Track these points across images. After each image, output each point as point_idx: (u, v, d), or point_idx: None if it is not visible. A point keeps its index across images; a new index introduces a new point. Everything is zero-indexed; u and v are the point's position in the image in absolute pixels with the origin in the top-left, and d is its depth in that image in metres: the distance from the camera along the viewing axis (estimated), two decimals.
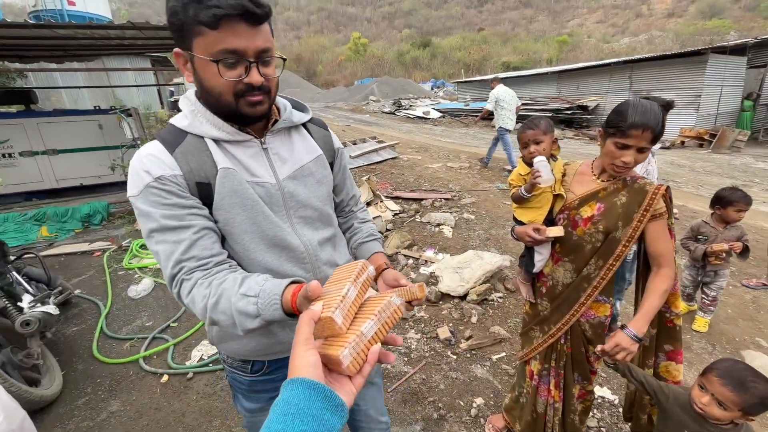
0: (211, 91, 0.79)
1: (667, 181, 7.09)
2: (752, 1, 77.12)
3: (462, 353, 2.59)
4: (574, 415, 1.54)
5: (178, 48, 0.78)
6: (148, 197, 0.77)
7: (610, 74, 15.25)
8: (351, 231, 1.16)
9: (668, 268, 1.28)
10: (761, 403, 1.09)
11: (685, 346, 2.60)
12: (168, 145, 0.82)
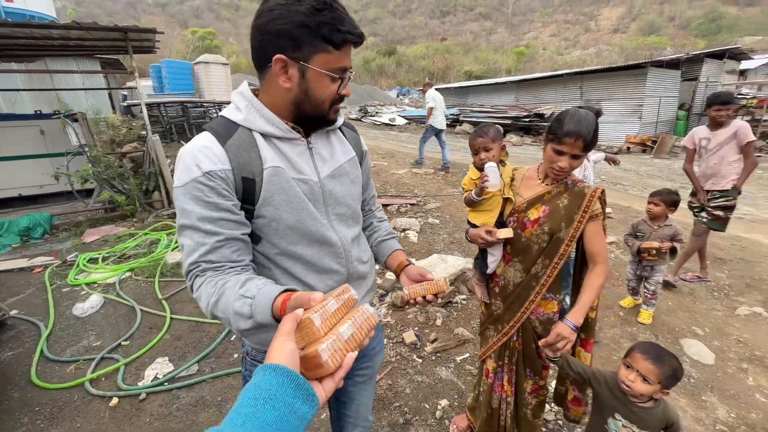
0: (315, 98, 0.86)
1: (616, 185, 7.61)
2: (684, 21, 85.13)
3: (427, 356, 2.62)
4: (526, 408, 1.61)
5: (282, 55, 0.80)
6: (191, 191, 0.80)
7: (564, 84, 16.21)
8: (371, 229, 1.22)
9: (603, 264, 1.39)
10: (673, 375, 1.23)
11: (631, 337, 2.80)
12: (220, 137, 0.84)
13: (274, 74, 0.82)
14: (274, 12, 0.78)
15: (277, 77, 0.83)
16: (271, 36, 0.79)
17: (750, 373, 2.45)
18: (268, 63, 0.82)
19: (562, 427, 2.06)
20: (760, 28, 78.13)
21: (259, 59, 0.85)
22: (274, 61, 0.80)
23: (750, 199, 7.07)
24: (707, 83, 14.42)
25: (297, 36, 0.78)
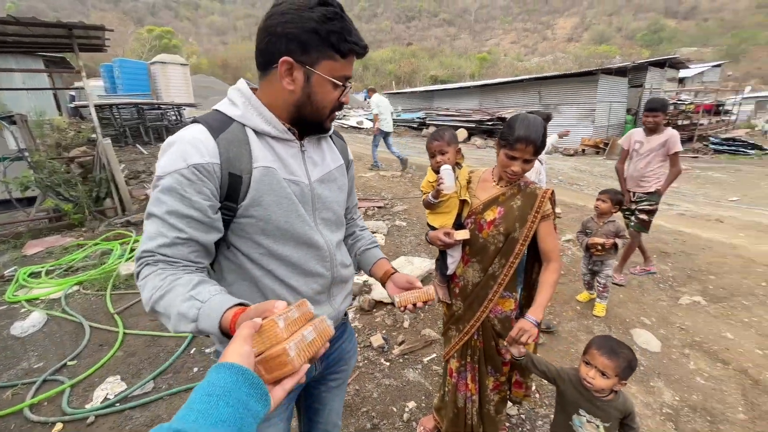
0: (317, 104, 0.87)
1: (572, 185, 8.02)
2: (630, 32, 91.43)
3: (395, 359, 2.63)
4: (489, 405, 1.65)
5: (289, 58, 0.81)
6: (170, 182, 0.78)
7: (523, 89, 16.91)
8: (353, 237, 1.23)
9: (556, 262, 1.46)
10: (629, 366, 1.29)
11: (587, 330, 2.94)
12: (213, 130, 0.83)
13: (279, 75, 0.83)
14: (286, 16, 0.79)
15: (282, 79, 0.83)
16: (280, 38, 0.80)
17: (691, 358, 2.65)
18: (272, 64, 0.83)
19: (524, 421, 2.13)
20: (694, 40, 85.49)
21: (264, 59, 0.85)
22: (280, 62, 0.81)
23: (690, 197, 7.69)
24: (651, 90, 15.57)
25: (306, 41, 0.80)
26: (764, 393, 2.32)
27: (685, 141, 14.93)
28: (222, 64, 66.35)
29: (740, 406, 2.24)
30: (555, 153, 13.75)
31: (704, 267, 4.03)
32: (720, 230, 5.39)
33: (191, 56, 59.26)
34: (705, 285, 3.66)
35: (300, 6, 0.79)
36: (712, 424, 2.11)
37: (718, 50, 69.99)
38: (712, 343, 2.79)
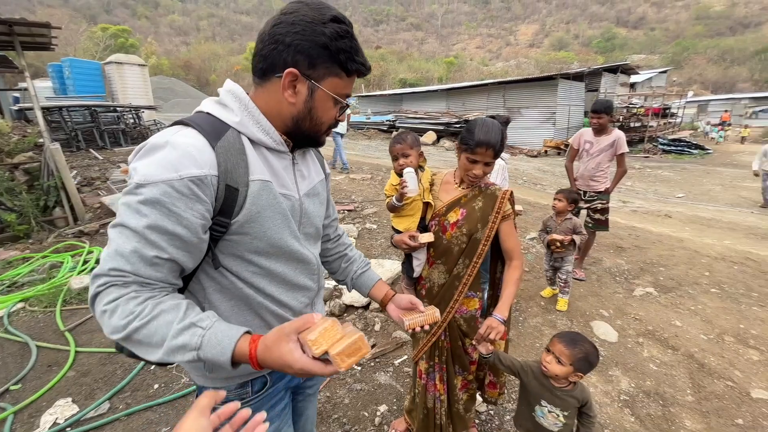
0: (316, 119, 0.85)
1: (536, 185, 8.34)
2: (586, 39, 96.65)
3: (366, 363, 2.61)
4: (458, 404, 1.68)
5: (295, 70, 0.78)
6: (156, 193, 0.69)
7: (488, 93, 17.43)
8: (347, 260, 1.20)
9: (518, 259, 1.51)
10: (586, 359, 1.36)
11: (550, 324, 3.06)
12: (209, 136, 0.75)
13: (282, 87, 0.79)
14: (296, 26, 0.76)
15: (284, 90, 0.80)
16: (287, 48, 0.77)
17: (645, 346, 2.82)
18: (275, 73, 0.79)
19: (493, 417, 2.18)
20: (643, 48, 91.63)
21: (265, 66, 0.80)
22: (285, 73, 0.78)
23: (642, 194, 8.21)
24: (605, 94, 16.51)
25: (315, 55, 0.78)
26: (709, 375, 2.51)
27: (637, 142, 15.95)
28: (184, 65, 63.86)
29: (688, 388, 2.40)
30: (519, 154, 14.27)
31: (655, 260, 4.31)
32: (668, 225, 5.79)
33: (150, 57, 56.63)
34: (656, 277, 3.91)
35: (313, 20, 0.77)
36: (664, 408, 2.25)
37: (664, 57, 75.48)
38: (663, 331, 2.98)
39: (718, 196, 8.10)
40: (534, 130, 15.53)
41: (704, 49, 77.46)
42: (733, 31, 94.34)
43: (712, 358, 2.68)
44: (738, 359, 2.67)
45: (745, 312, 3.25)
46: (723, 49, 75.22)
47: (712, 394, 2.35)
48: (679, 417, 2.18)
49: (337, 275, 1.20)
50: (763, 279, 3.87)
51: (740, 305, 3.36)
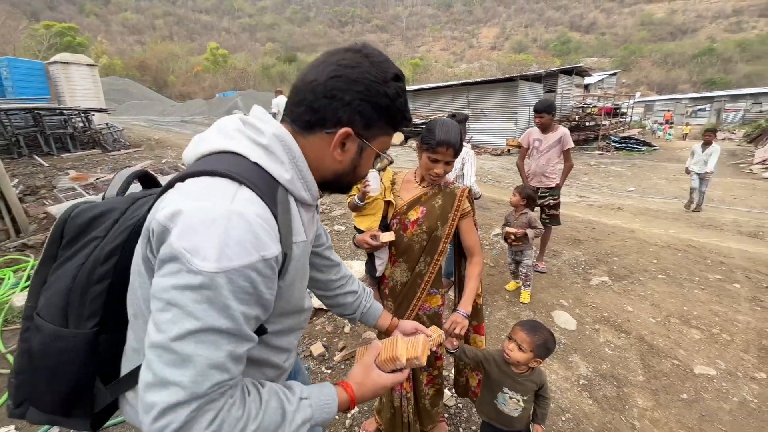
0: (359, 174, 0.82)
1: (500, 183, 8.62)
2: (543, 42, 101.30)
3: (336, 365, 2.60)
4: (425, 399, 1.70)
5: (350, 130, 0.72)
6: (239, 281, 0.57)
7: (453, 94, 17.83)
8: (354, 296, 1.15)
9: (478, 255, 1.56)
10: (544, 345, 1.42)
11: (514, 316, 3.17)
12: (267, 200, 0.64)
13: (332, 145, 0.73)
14: (359, 85, 0.70)
15: (333, 148, 0.73)
16: (345, 106, 0.70)
17: (601, 332, 2.99)
18: (324, 128, 0.72)
19: (461, 410, 2.23)
20: (595, 51, 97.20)
21: (312, 120, 0.72)
22: (340, 133, 0.71)
23: (597, 189, 8.70)
24: (562, 95, 17.35)
25: (373, 117, 0.73)
26: (657, 356, 2.70)
27: (591, 140, 16.88)
28: (140, 65, 60.69)
29: (639, 369, 2.57)
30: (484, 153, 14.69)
31: (609, 250, 4.58)
32: (621, 217, 6.18)
33: (101, 56, 53.36)
34: (610, 266, 4.16)
35: (376, 79, 0.71)
36: (618, 389, 2.39)
37: (614, 60, 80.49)
38: (617, 316, 3.18)
39: (664, 189, 8.74)
40: (497, 130, 16.06)
41: (649, 52, 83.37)
42: (674, 37, 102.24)
43: (660, 339, 2.88)
44: (682, 339, 2.89)
45: (688, 295, 3.53)
46: (665, 53, 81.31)
47: (660, 372, 2.53)
48: (632, 396, 2.33)
49: (343, 309, 1.14)
50: (703, 264, 4.22)
51: (684, 289, 3.64)
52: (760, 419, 2.15)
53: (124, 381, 0.74)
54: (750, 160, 12.56)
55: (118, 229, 0.74)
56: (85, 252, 0.72)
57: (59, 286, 0.71)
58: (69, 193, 5.56)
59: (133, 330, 0.73)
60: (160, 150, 11.00)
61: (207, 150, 0.69)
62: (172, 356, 0.54)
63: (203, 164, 0.66)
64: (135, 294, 0.69)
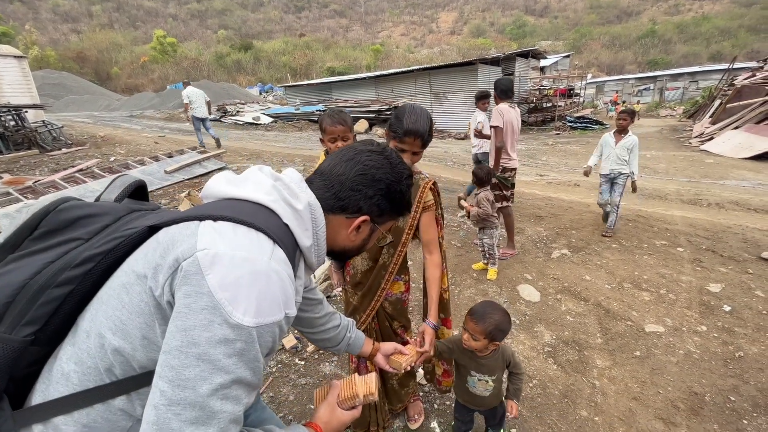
0: (363, 248, 0.91)
1: (464, 166, 8.78)
2: (500, 26, 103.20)
3: (309, 356, 2.58)
4: (392, 380, 1.74)
5: (368, 218, 0.82)
6: (266, 336, 0.60)
7: (415, 79, 17.81)
8: (337, 328, 1.18)
9: (436, 254, 1.52)
10: (498, 329, 1.42)
11: (482, 293, 3.27)
12: (290, 259, 0.69)
13: (350, 227, 0.82)
14: (380, 184, 0.81)
15: (350, 231, 0.82)
16: (367, 199, 0.81)
17: (563, 302, 3.15)
18: (345, 213, 0.81)
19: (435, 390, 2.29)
20: (549, 34, 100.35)
21: (336, 206, 0.81)
22: (360, 220, 0.81)
23: (555, 167, 9.07)
24: (520, 77, 17.81)
25: (387, 208, 0.84)
26: (613, 319, 2.89)
27: (549, 120, 17.53)
28: (77, 56, 55.76)
29: (598, 332, 2.74)
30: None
31: (568, 224, 4.82)
32: (577, 193, 6.50)
33: (31, 47, 48.56)
34: (569, 239, 4.38)
35: (395, 179, 0.83)
36: (579, 352, 2.54)
37: (566, 43, 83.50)
38: (576, 285, 3.36)
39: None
40: (459, 114, 16.27)
41: (598, 35, 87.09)
42: (620, 19, 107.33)
43: (615, 303, 3.08)
44: (634, 301, 3.11)
45: (638, 261, 3.79)
46: (613, 35, 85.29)
47: (616, 334, 2.71)
48: (592, 358, 2.48)
49: (327, 343, 1.18)
50: (651, 231, 4.54)
51: (634, 256, 3.90)
52: (702, 367, 2.37)
53: (38, 409, 0.60)
54: (689, 134, 13.57)
55: (106, 237, 0.66)
56: (59, 250, 0.64)
57: (11, 279, 0.60)
58: (3, 198, 5.07)
59: (75, 350, 0.61)
60: (107, 147, 10.24)
61: (240, 195, 0.71)
62: (196, 413, 0.53)
63: (236, 210, 0.66)
64: (108, 313, 0.61)
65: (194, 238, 0.60)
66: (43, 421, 0.60)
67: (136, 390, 0.62)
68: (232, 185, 0.73)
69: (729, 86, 14.35)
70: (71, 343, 0.63)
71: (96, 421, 0.61)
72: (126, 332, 0.59)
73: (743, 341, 2.59)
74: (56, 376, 0.61)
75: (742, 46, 63.05)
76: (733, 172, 7.92)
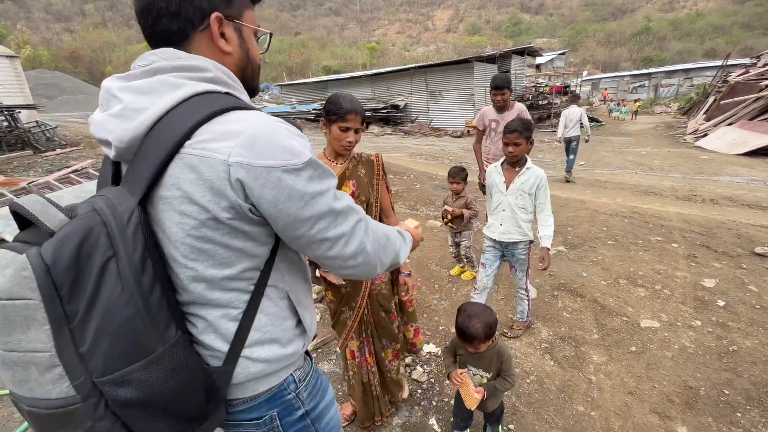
0: (254, 60, 0.81)
1: (461, 163, 8.79)
2: (496, 24, 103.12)
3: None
4: (390, 373, 1.80)
5: (219, 14, 0.71)
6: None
7: (411, 77, 17.81)
8: None
9: (393, 217, 1.70)
10: (485, 331, 1.48)
11: (463, 294, 3.27)
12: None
13: (213, 38, 0.70)
14: None
15: (216, 41, 0.70)
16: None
17: (559, 298, 3.17)
18: (196, 26, 0.68)
19: (434, 384, 2.30)
20: (545, 32, 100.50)
21: (182, 25, 0.67)
22: (212, 20, 0.68)
23: (551, 165, 9.12)
24: (516, 75, 17.85)
25: None
26: (609, 315, 2.91)
27: (545, 118, 17.58)
28: (71, 56, 55.34)
29: (594, 328, 2.77)
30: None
31: (565, 221, 4.84)
32: (573, 190, 6.53)
33: (24, 47, 48.05)
34: (566, 236, 4.40)
35: None
36: (576, 348, 2.57)
37: (562, 40, 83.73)
38: (572, 282, 3.38)
39: (611, 162, 9.33)
40: (456, 112, 16.30)
41: (593, 32, 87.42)
42: (615, 17, 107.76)
43: (611, 299, 3.11)
44: (630, 297, 3.13)
45: (634, 257, 3.82)
46: (608, 33, 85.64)
47: (612, 329, 2.74)
48: (588, 354, 2.51)
49: None
50: (646, 228, 4.57)
51: (630, 252, 3.93)
52: (696, 362, 2.40)
53: (236, 345, 0.71)
54: (683, 131, 13.66)
55: (127, 236, 0.60)
56: (111, 276, 0.58)
57: (114, 325, 0.57)
58: None
59: (202, 272, 0.67)
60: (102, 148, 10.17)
61: (176, 101, 0.63)
62: (338, 216, 0.71)
63: (198, 109, 0.62)
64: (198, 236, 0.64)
65: (215, 143, 0.61)
66: (244, 347, 0.73)
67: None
68: (133, 112, 0.63)
69: (723, 83, 14.45)
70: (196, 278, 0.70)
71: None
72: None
73: (737, 335, 2.62)
74: (217, 321, 0.72)
75: (735, 43, 63.46)
76: (727, 168, 7.99)
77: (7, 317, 0.54)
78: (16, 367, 0.56)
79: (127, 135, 0.62)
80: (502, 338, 2.64)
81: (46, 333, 0.55)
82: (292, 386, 0.79)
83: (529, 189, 2.36)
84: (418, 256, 4.01)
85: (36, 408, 0.58)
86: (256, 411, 0.77)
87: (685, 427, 1.94)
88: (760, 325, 2.71)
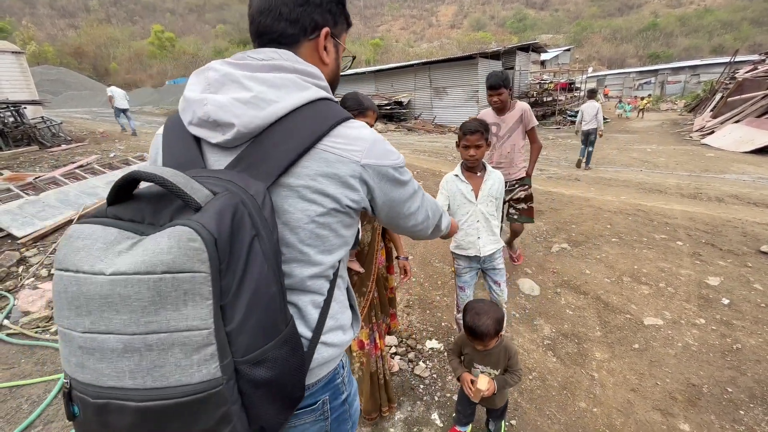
0: (339, 76, 0.92)
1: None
2: (501, 20, 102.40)
3: None
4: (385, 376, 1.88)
5: (328, 29, 0.80)
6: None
7: (415, 73, 17.74)
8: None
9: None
10: (495, 327, 1.49)
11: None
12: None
13: (318, 48, 0.77)
14: None
15: (320, 51, 0.78)
16: (317, 8, 0.75)
17: (562, 295, 3.17)
18: (308, 35, 0.75)
19: (436, 380, 2.31)
20: (550, 28, 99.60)
21: (296, 32, 0.75)
22: (323, 33, 0.76)
23: (555, 162, 9.07)
24: (520, 71, 17.73)
25: (336, 12, 0.79)
26: (612, 312, 2.91)
27: (549, 115, 17.46)
28: (75, 52, 55.52)
29: (597, 326, 2.77)
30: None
31: (568, 218, 4.82)
32: (577, 187, 6.50)
33: (29, 43, 48.25)
34: (569, 233, 4.39)
35: None
36: (578, 345, 2.57)
37: (567, 37, 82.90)
38: (576, 279, 3.38)
39: (615, 159, 9.26)
40: (460, 108, 16.23)
41: (599, 28, 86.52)
42: (621, 12, 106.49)
43: (614, 297, 3.10)
44: (633, 295, 3.12)
45: (638, 255, 3.80)
46: (614, 29, 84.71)
47: (615, 327, 2.74)
48: (591, 351, 2.51)
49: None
50: (650, 226, 4.55)
51: (634, 249, 3.92)
52: (700, 360, 2.40)
53: (317, 331, 0.74)
54: (690, 128, 13.53)
55: (264, 217, 0.61)
56: (257, 254, 0.58)
57: (263, 303, 0.58)
58: (4, 194, 5.08)
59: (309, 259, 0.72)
60: (107, 144, 10.22)
61: (304, 100, 0.68)
62: (416, 194, 0.85)
63: (327, 112, 0.70)
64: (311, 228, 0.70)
65: (341, 146, 0.70)
66: (324, 332, 0.77)
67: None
68: (266, 103, 0.66)
69: (730, 80, 14.28)
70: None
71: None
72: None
73: (741, 333, 2.61)
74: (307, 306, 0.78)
75: (744, 39, 62.63)
76: (733, 166, 7.92)
77: (159, 293, 0.49)
78: (151, 352, 0.50)
79: (254, 122, 0.65)
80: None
81: (208, 309, 0.51)
82: (341, 371, 0.84)
83: (496, 193, 2.10)
84: (421, 253, 4.02)
85: (160, 400, 0.51)
86: (312, 397, 0.77)
87: (687, 425, 1.94)
88: (764, 324, 2.69)
